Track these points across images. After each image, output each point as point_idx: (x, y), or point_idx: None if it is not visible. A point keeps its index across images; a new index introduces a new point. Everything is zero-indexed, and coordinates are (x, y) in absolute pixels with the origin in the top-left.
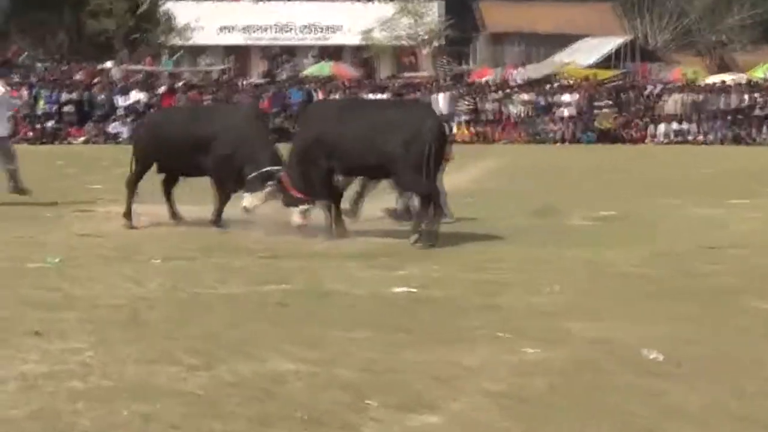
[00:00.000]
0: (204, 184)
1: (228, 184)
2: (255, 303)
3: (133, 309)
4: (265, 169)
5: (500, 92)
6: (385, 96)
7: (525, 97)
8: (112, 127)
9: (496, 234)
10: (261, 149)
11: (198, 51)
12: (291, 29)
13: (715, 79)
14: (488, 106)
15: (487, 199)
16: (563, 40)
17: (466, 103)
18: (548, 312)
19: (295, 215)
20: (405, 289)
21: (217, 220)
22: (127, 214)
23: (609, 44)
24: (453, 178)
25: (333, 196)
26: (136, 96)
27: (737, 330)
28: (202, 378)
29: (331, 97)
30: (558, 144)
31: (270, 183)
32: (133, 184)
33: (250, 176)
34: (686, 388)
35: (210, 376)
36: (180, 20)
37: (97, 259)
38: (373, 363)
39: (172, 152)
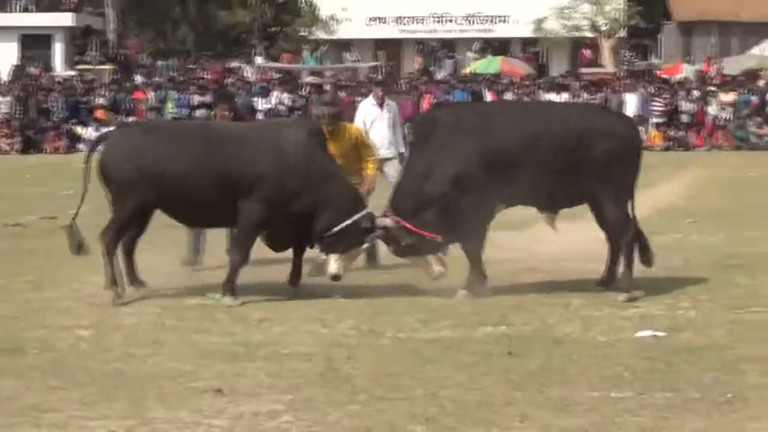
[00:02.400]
0: None
1: (245, 246)
2: (476, 352)
3: (328, 359)
4: (358, 216)
5: (700, 91)
6: (564, 97)
7: (727, 96)
8: None
9: (742, 263)
10: (335, 186)
11: (344, 46)
12: (450, 20)
13: None
14: (686, 106)
15: (714, 220)
16: (762, 31)
17: (661, 103)
18: None
19: (431, 265)
20: (650, 332)
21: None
22: (112, 282)
23: None
24: (656, 193)
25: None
26: (279, 97)
27: None
28: None
29: (503, 98)
30: None
31: (370, 235)
32: (113, 240)
33: (330, 231)
34: None
35: None
36: (324, 10)
37: (270, 294)
38: None
39: (181, 193)
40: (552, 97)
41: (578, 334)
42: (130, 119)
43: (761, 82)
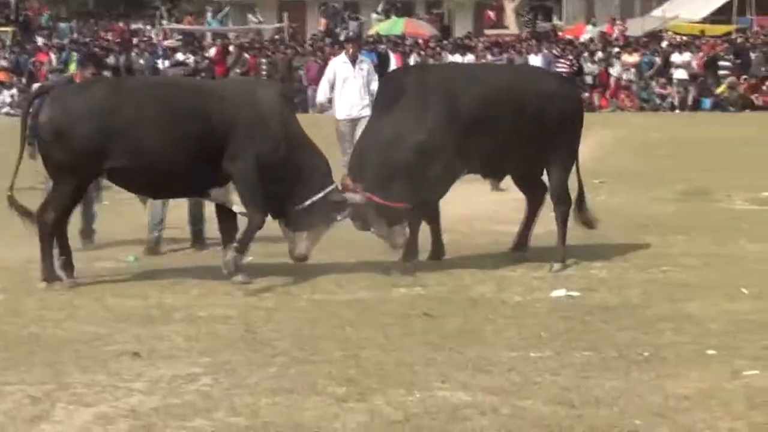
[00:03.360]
0: None
1: (259, 204)
2: (393, 314)
3: (246, 322)
4: (329, 190)
5: (603, 52)
6: (469, 58)
7: (631, 58)
8: None
9: (651, 223)
10: (308, 155)
11: (247, 7)
12: None
13: None
14: (590, 68)
15: (622, 181)
16: None
17: (566, 64)
18: (756, 322)
19: (396, 236)
20: (564, 292)
21: (236, 263)
22: (49, 269)
23: None
24: None
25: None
26: (183, 60)
27: None
28: (358, 413)
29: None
30: (677, 111)
31: (342, 208)
32: (56, 220)
33: (300, 205)
34: None
35: (367, 411)
36: None
37: (180, 257)
38: (566, 392)
39: (146, 152)
40: (456, 58)
41: (494, 295)
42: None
43: (664, 44)
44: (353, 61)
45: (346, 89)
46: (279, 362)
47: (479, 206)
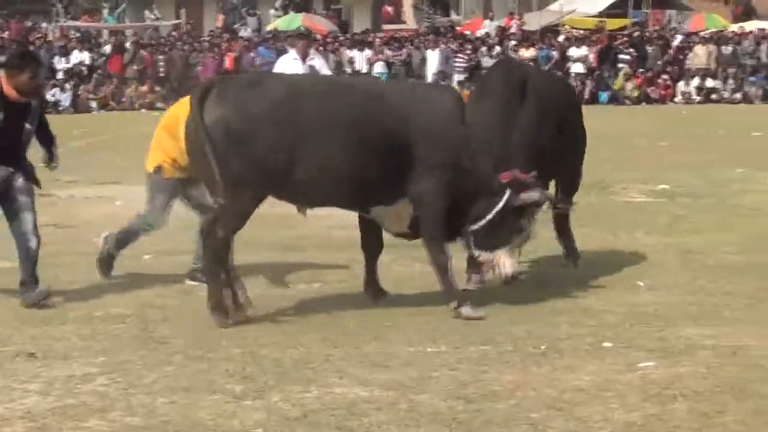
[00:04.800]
0: None
1: (439, 223)
2: (291, 309)
3: (143, 320)
4: (507, 196)
5: (501, 46)
6: (366, 54)
7: (528, 52)
8: (51, 94)
9: (546, 217)
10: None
11: (144, 3)
12: None
13: (747, 26)
14: (488, 62)
15: None
16: None
17: (463, 59)
18: (652, 315)
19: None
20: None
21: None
22: (220, 304)
23: None
24: None
25: None
26: (78, 57)
27: None
28: (256, 411)
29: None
30: None
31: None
32: (227, 243)
33: (482, 219)
34: None
35: (265, 408)
36: None
37: (78, 257)
38: (463, 387)
39: (332, 162)
40: (355, 54)
41: (391, 290)
42: None
43: (561, 38)
44: (303, 58)
45: None
46: (176, 361)
47: None
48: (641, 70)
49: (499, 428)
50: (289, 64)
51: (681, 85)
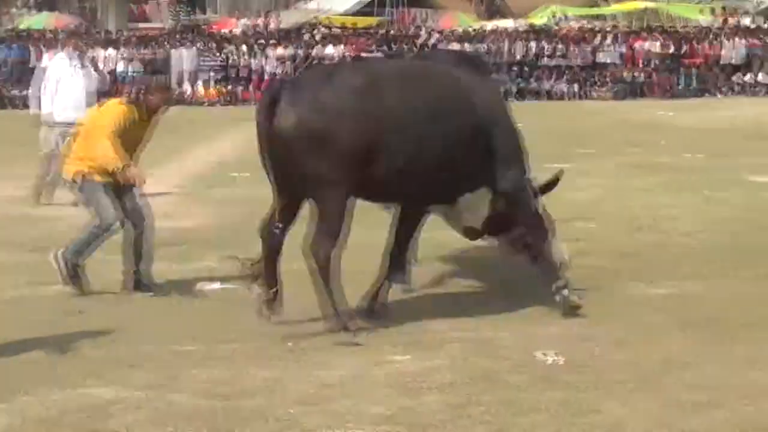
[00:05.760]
0: None
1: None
2: (47, 311)
3: None
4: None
5: (247, 45)
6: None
7: (281, 51)
8: None
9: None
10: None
11: None
12: None
13: (494, 24)
14: (242, 61)
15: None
16: None
17: (213, 58)
18: (403, 310)
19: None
20: (219, 285)
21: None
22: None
23: None
24: (212, 150)
25: None
26: None
27: (636, 323)
28: (5, 414)
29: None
30: None
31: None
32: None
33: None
34: (618, 403)
35: (15, 411)
36: None
37: None
38: (219, 385)
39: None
40: (109, 53)
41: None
42: None
43: (309, 35)
44: (75, 57)
45: (64, 90)
46: None
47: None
48: None
49: (255, 424)
50: (57, 64)
51: None
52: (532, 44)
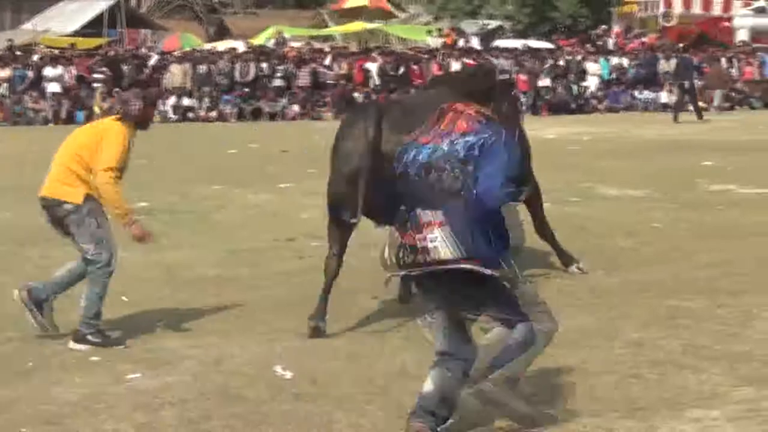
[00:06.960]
0: None
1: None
2: None
3: None
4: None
5: None
6: None
7: (3, 72)
8: None
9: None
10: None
11: None
12: None
13: (221, 46)
14: None
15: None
16: (33, 6)
17: None
18: (134, 328)
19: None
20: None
21: None
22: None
23: (92, 9)
24: None
25: None
26: None
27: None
28: None
29: None
30: (51, 125)
31: None
32: None
33: None
34: (356, 414)
35: None
36: None
37: None
38: None
39: None
40: None
41: None
42: None
43: (36, 57)
44: None
45: None
46: None
47: None
48: (116, 89)
49: None
50: None
51: (168, 103)
52: (263, 65)
